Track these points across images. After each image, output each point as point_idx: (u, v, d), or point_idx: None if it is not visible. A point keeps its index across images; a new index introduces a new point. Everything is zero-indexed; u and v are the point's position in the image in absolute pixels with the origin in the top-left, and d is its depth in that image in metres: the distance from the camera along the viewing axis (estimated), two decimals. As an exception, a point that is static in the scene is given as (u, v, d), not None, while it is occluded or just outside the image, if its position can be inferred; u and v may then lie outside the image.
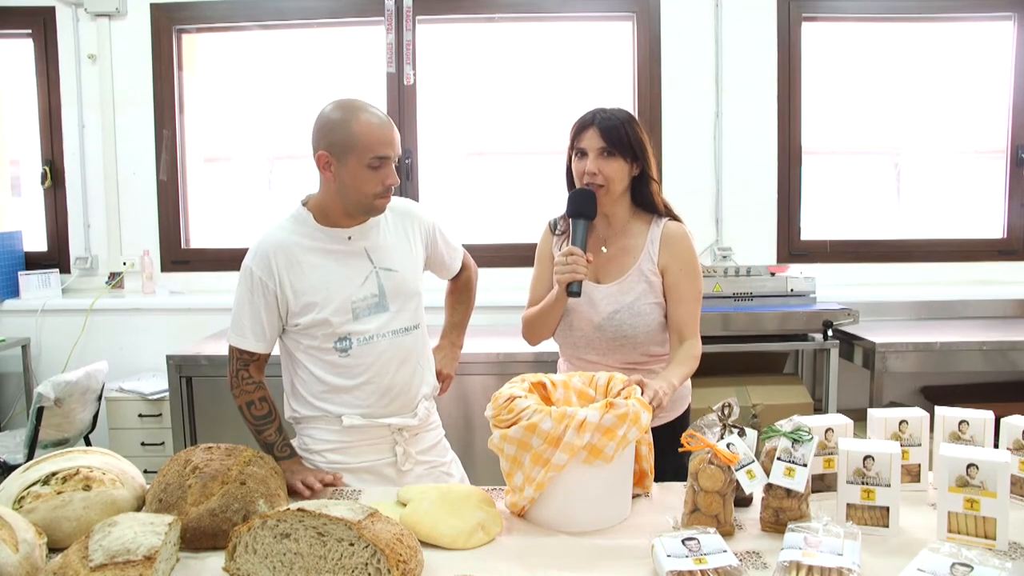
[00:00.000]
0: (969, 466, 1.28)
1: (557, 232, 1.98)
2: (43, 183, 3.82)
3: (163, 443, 3.30)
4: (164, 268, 3.83)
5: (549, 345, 2.03)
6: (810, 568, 1.14)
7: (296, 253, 1.71)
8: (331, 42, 3.91)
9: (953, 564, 1.11)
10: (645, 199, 1.88)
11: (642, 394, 1.49)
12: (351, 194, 1.67)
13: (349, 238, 1.74)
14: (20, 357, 3.66)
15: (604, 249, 1.90)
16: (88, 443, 3.20)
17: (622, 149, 1.80)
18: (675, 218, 1.91)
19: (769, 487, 1.37)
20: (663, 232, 1.87)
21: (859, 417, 1.61)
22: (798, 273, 3.40)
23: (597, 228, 1.91)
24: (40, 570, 1.18)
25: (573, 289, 1.77)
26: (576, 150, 1.84)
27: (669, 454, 1.57)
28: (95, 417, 3.22)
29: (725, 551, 1.20)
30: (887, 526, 1.34)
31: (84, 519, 1.34)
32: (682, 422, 1.93)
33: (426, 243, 1.88)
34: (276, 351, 1.80)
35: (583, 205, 1.82)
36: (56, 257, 3.87)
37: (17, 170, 4.07)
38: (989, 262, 3.77)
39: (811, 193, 3.79)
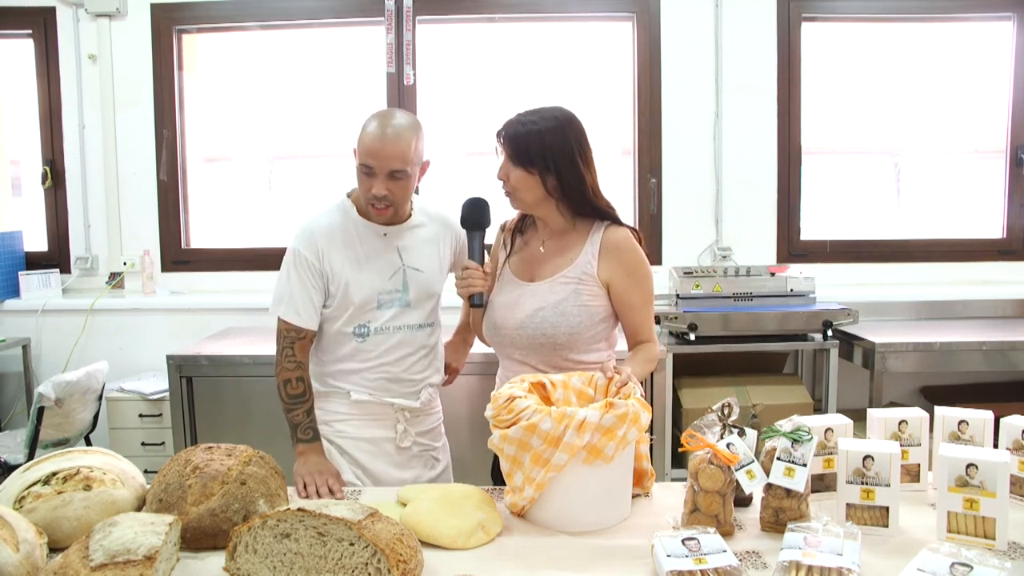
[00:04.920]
0: (969, 466, 1.28)
1: (503, 230, 1.99)
2: (43, 183, 3.82)
3: (163, 443, 3.29)
4: (164, 268, 3.82)
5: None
6: (810, 568, 1.14)
7: (337, 239, 1.84)
8: (331, 42, 3.91)
9: (953, 564, 1.11)
10: (577, 205, 1.77)
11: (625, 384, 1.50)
12: (360, 192, 1.83)
13: (385, 235, 1.86)
14: (20, 357, 3.65)
15: (542, 249, 1.84)
16: (88, 443, 3.20)
17: (525, 162, 1.73)
18: (618, 221, 1.80)
19: (769, 487, 1.37)
20: (603, 240, 1.77)
21: (859, 417, 1.61)
22: (798, 273, 3.40)
23: (538, 228, 1.87)
24: (40, 570, 1.18)
25: (475, 301, 1.81)
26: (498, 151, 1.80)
27: None
28: (95, 417, 3.22)
29: (725, 551, 1.20)
30: (887, 526, 1.34)
31: (84, 519, 1.34)
32: None
33: (455, 253, 2.01)
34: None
35: (474, 215, 1.83)
36: (56, 257, 3.87)
37: (17, 170, 4.06)
38: (989, 262, 3.77)
39: (811, 193, 3.78)
